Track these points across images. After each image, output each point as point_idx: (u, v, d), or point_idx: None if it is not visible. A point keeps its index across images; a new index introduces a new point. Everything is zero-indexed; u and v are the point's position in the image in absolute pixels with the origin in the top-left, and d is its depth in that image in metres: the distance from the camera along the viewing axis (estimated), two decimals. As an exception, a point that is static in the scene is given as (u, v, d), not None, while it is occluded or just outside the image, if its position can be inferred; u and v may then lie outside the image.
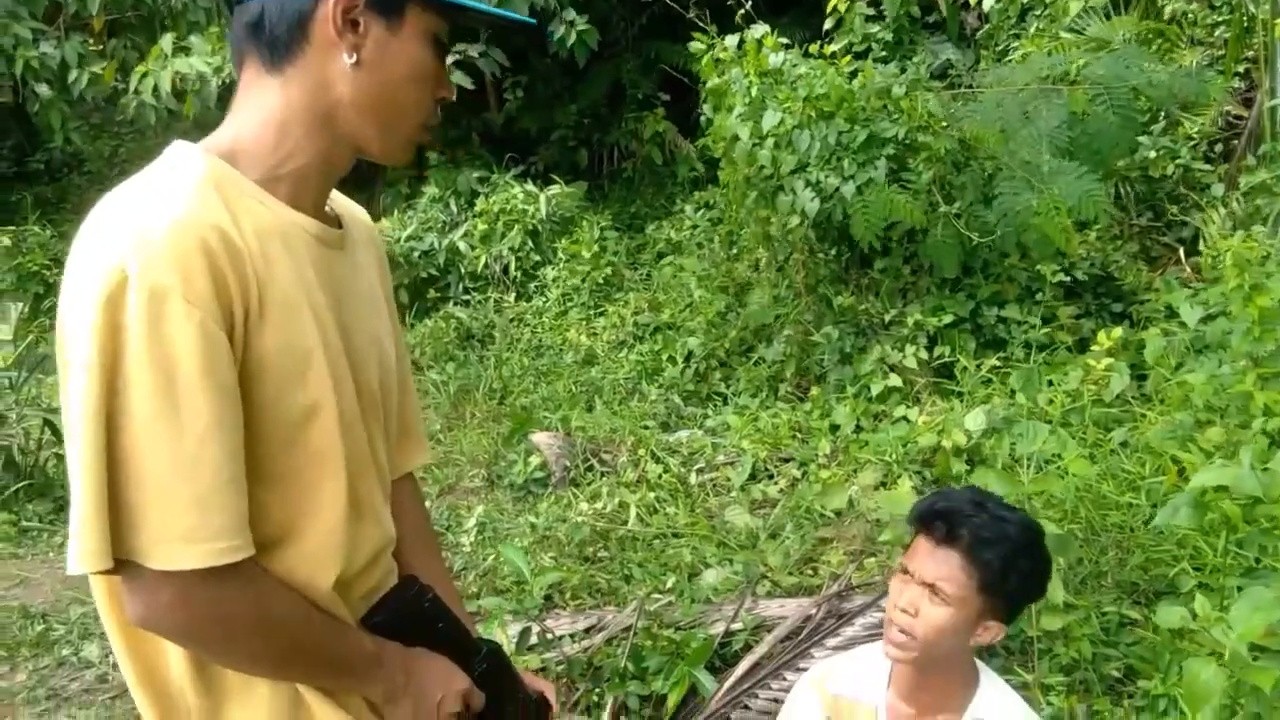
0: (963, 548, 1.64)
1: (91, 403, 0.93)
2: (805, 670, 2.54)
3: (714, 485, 4.56)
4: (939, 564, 1.66)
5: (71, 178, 12.06)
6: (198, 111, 7.20)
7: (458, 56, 7.34)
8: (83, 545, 0.94)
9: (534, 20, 1.23)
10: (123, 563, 0.96)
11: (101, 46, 7.85)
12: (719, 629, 2.96)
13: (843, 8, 5.79)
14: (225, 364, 0.98)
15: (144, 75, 7.07)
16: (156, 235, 0.96)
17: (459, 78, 7.05)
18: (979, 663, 1.81)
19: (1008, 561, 1.64)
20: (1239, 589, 2.24)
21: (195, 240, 0.97)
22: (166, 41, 7.10)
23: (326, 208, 1.21)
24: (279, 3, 1.08)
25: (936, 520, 1.68)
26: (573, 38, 7.25)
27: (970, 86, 5.09)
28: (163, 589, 0.98)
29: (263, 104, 1.11)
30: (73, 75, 7.40)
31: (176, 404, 0.95)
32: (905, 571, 1.71)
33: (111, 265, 0.94)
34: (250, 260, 1.02)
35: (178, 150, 1.08)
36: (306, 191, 1.13)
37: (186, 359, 0.95)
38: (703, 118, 5.54)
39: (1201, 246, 5.11)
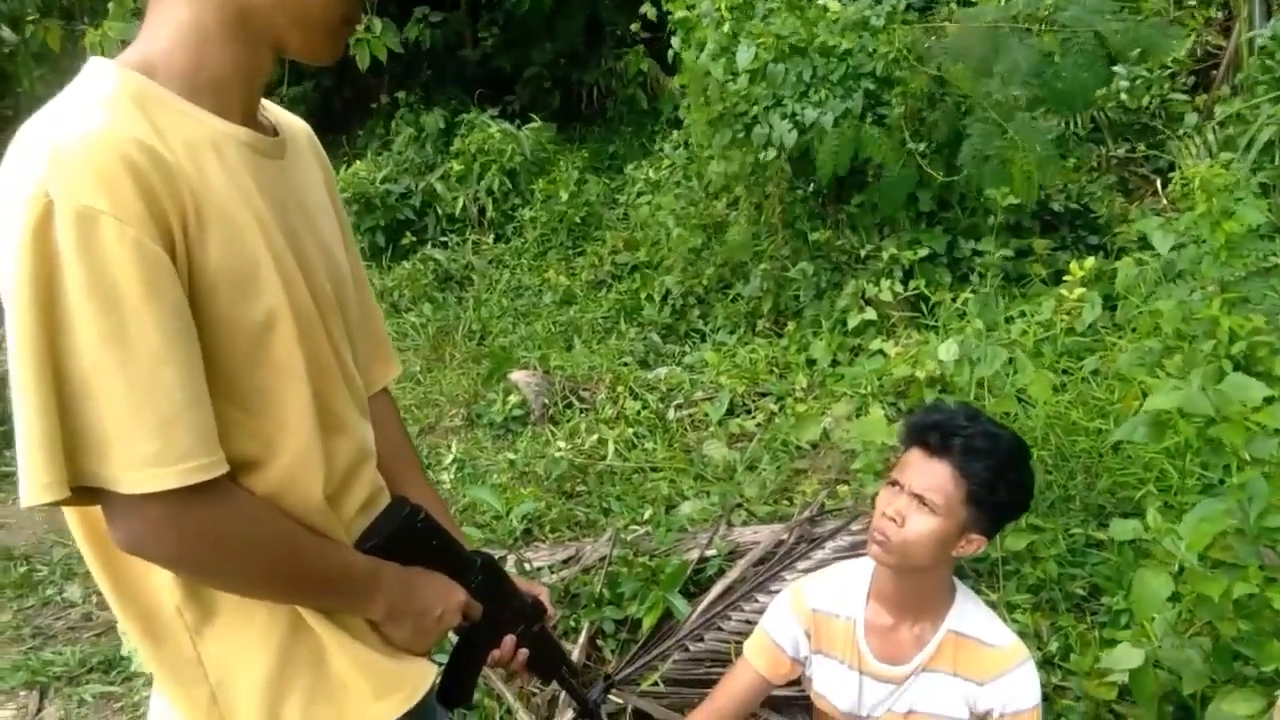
0: (954, 458, 1.66)
1: (31, 337, 0.90)
2: (778, 592, 2.60)
3: (692, 420, 4.59)
4: (929, 474, 1.67)
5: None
6: None
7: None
8: (33, 477, 0.92)
9: None
10: (101, 492, 0.95)
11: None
12: (694, 555, 3.01)
13: None
14: (169, 281, 0.95)
15: (98, 39, 6.91)
16: (75, 154, 0.91)
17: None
18: (955, 579, 1.84)
19: (997, 473, 1.66)
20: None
21: (117, 156, 0.92)
22: (114, 11, 6.94)
23: (260, 117, 1.16)
24: None
25: (930, 431, 1.69)
26: None
27: (946, 21, 5.04)
28: (141, 514, 0.96)
29: (172, 12, 1.04)
30: (29, 30, 7.26)
31: (124, 328, 0.91)
32: (895, 483, 1.72)
33: (33, 192, 0.90)
34: (181, 173, 0.97)
35: (92, 67, 1.03)
36: (231, 100, 1.08)
37: (127, 281, 0.91)
38: (670, 52, 5.47)
39: (1175, 176, 5.13)
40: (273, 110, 1.22)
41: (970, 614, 1.81)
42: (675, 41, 5.32)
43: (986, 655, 1.77)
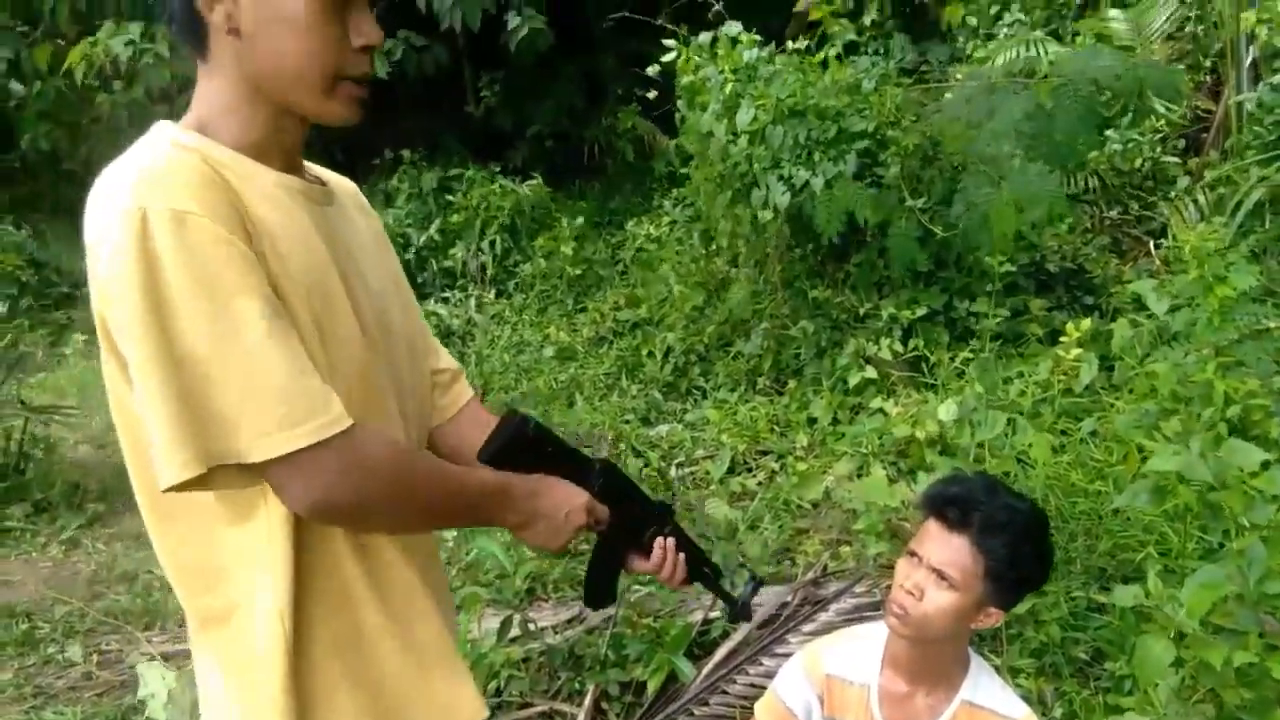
0: (973, 533, 1.66)
1: (148, 337, 0.99)
2: (783, 655, 2.61)
3: (694, 478, 4.62)
4: (948, 549, 1.67)
5: (49, 177, 11.95)
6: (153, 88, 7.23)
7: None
8: (169, 459, 1.00)
9: None
10: (256, 471, 1.04)
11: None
12: (698, 617, 3.02)
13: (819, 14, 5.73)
14: (259, 275, 1.04)
15: (80, 58, 7.07)
16: (160, 171, 1.03)
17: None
18: (970, 649, 1.85)
19: (1015, 549, 1.66)
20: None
21: (197, 172, 1.04)
22: (106, 28, 7.14)
23: (306, 175, 1.26)
24: None
25: (949, 505, 1.69)
26: (524, 32, 7.35)
27: (940, 81, 5.17)
28: (290, 475, 1.05)
29: (207, 89, 1.16)
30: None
31: (228, 313, 1.01)
32: (913, 554, 1.72)
33: (128, 210, 1.00)
34: (246, 207, 1.07)
35: (156, 125, 1.15)
36: (271, 158, 1.17)
37: (223, 270, 1.01)
38: (677, 115, 5.59)
39: (1167, 239, 5.22)
40: (316, 169, 1.34)
41: (985, 685, 1.81)
42: (681, 104, 5.44)
43: None
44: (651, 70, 5.81)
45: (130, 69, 7.18)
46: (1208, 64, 6.35)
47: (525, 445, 1.31)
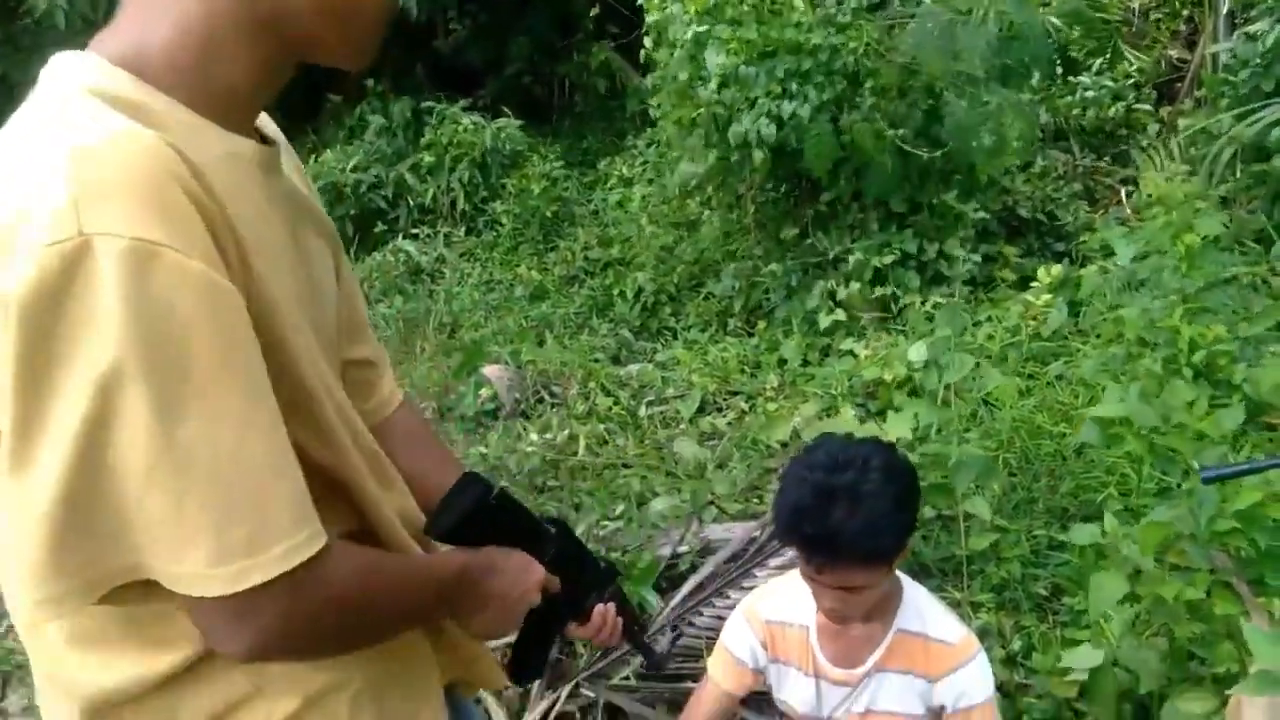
0: (857, 557, 1.60)
1: (63, 423, 0.72)
2: (749, 588, 2.65)
3: (663, 418, 4.63)
4: (841, 577, 1.62)
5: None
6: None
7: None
8: (41, 586, 0.76)
9: None
10: (184, 600, 0.80)
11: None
12: (666, 552, 3.05)
13: None
14: (241, 321, 0.78)
15: None
16: (110, 166, 0.72)
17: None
18: (901, 576, 1.87)
19: (898, 535, 1.62)
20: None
21: (159, 165, 0.74)
22: None
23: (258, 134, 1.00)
24: None
25: (816, 552, 1.62)
26: None
27: (906, 18, 5.13)
28: (241, 613, 0.80)
29: (174, 10, 0.85)
30: None
31: (195, 398, 0.74)
32: (813, 580, 1.68)
33: (58, 238, 0.69)
34: (214, 192, 0.80)
35: (66, 64, 0.84)
36: (240, 112, 0.91)
37: (198, 334, 0.74)
38: (643, 52, 5.50)
39: (1138, 187, 5.25)
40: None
41: (919, 610, 1.82)
42: (648, 42, 5.35)
43: (937, 651, 1.80)
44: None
45: None
46: (1185, 13, 6.35)
47: (484, 516, 1.14)
